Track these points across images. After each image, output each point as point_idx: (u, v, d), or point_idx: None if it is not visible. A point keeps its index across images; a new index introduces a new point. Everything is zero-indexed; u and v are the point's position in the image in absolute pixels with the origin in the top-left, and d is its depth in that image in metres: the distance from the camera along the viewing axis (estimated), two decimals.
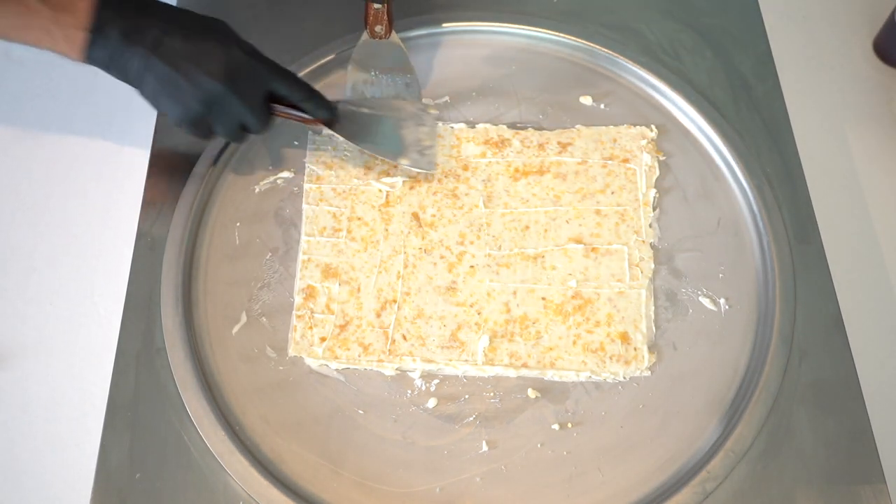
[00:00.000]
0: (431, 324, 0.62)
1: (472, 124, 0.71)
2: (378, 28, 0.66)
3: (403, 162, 0.66)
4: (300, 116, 0.63)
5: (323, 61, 0.73)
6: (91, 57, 0.56)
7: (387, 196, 0.67)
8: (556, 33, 0.75)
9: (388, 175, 0.68)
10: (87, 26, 0.54)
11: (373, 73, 0.70)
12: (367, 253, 0.65)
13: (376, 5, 0.65)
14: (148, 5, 0.57)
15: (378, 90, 0.70)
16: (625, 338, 0.61)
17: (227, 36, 0.59)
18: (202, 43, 0.57)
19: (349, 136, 0.65)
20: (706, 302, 0.64)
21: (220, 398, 0.60)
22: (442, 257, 0.65)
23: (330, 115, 0.64)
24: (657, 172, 0.69)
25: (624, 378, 0.61)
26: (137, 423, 0.58)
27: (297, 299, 0.63)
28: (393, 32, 0.68)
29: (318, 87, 0.72)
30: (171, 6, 0.59)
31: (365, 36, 0.68)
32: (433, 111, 0.70)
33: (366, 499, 0.56)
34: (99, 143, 0.74)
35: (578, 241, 0.65)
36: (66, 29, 0.54)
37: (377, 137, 0.66)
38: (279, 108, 0.62)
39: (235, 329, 0.62)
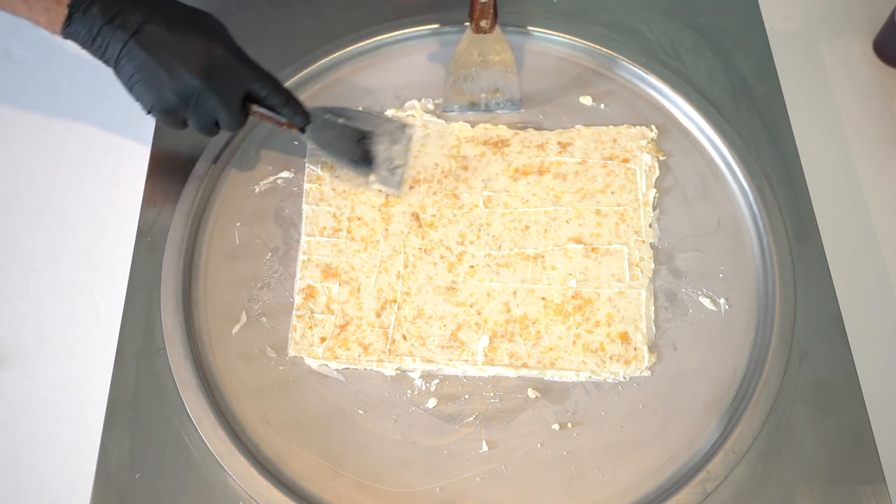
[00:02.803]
0: (431, 324, 0.62)
1: (472, 124, 0.71)
2: (483, 23, 0.65)
3: (371, 178, 0.66)
4: (276, 119, 0.63)
5: (323, 61, 0.73)
6: (68, 32, 0.55)
7: (387, 196, 0.67)
8: (556, 33, 0.75)
9: None
10: (67, 1, 0.54)
11: (473, 69, 0.69)
12: (367, 253, 0.65)
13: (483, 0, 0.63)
14: None
15: (478, 85, 0.70)
16: (625, 338, 0.61)
17: (212, 30, 0.58)
18: (185, 35, 0.56)
19: (322, 145, 0.65)
20: (706, 302, 0.64)
21: (220, 398, 0.60)
22: (442, 257, 0.65)
23: (305, 122, 0.64)
24: (657, 172, 0.69)
25: (624, 378, 0.61)
26: (137, 423, 0.58)
27: (297, 299, 0.63)
28: (497, 26, 0.66)
29: (317, 87, 0.73)
30: None
31: (469, 31, 0.67)
32: (411, 130, 0.69)
33: (366, 499, 0.56)
34: (99, 144, 0.74)
35: (578, 241, 0.65)
36: (45, 1, 0.54)
37: (349, 150, 0.66)
38: (256, 108, 0.62)
39: (235, 329, 0.62)
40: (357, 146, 0.66)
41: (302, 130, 0.64)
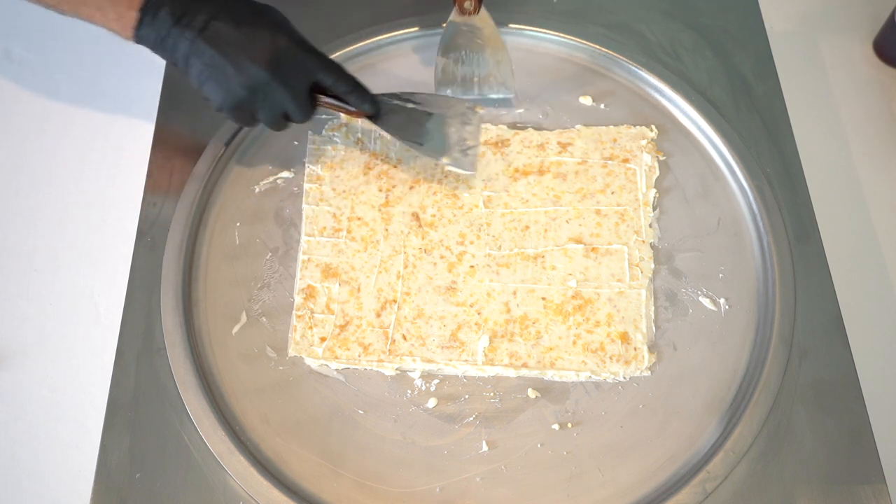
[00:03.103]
0: (431, 324, 0.62)
1: None
2: (467, 4, 0.65)
3: (445, 161, 0.66)
4: (344, 108, 0.63)
5: None
6: (140, 36, 0.57)
7: (387, 196, 0.67)
8: (556, 33, 0.75)
9: (388, 175, 0.68)
10: (139, 6, 0.55)
11: (463, 52, 0.69)
12: (367, 253, 0.65)
13: None
14: None
15: (469, 69, 0.70)
16: (625, 338, 0.61)
17: (276, 23, 0.59)
18: (250, 29, 0.57)
19: (392, 131, 0.65)
20: (706, 302, 0.64)
21: (220, 398, 0.60)
22: (442, 257, 0.65)
23: (373, 109, 0.63)
24: (657, 172, 0.69)
25: (624, 378, 0.61)
26: (137, 423, 0.58)
27: (297, 299, 0.63)
28: (482, 8, 0.66)
29: None
30: None
31: (454, 13, 0.66)
32: (480, 110, 0.68)
33: (366, 499, 0.56)
34: (99, 144, 0.74)
35: (578, 241, 0.65)
36: (118, 7, 0.55)
37: (420, 134, 0.65)
38: (323, 98, 0.62)
39: (235, 329, 0.62)
40: (427, 129, 0.65)
41: (370, 117, 0.64)
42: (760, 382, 0.59)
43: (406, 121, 0.65)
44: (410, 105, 0.65)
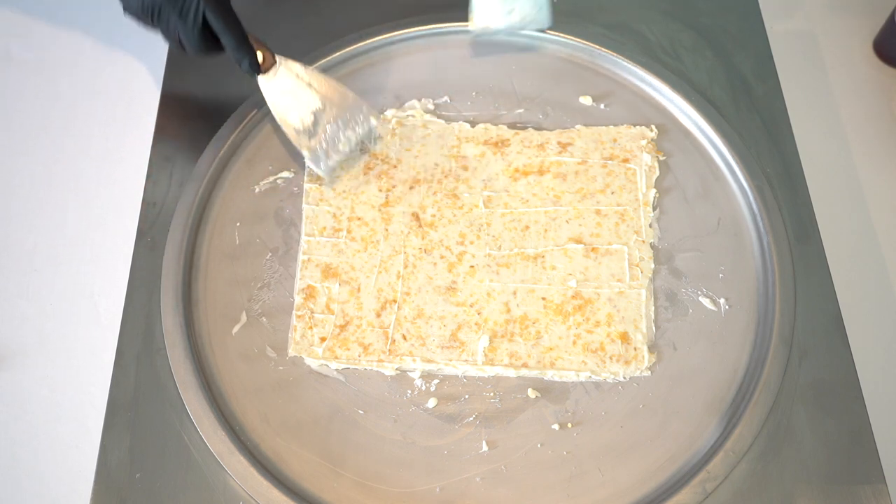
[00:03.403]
0: (431, 324, 0.62)
1: (472, 124, 0.71)
2: None
3: (304, 152, 0.65)
4: None
5: (323, 61, 0.73)
6: None
7: (387, 196, 0.67)
8: (556, 33, 0.75)
9: (388, 175, 0.68)
10: None
11: None
12: (367, 253, 0.65)
13: None
14: None
15: (507, 4, 0.67)
16: (625, 338, 0.61)
17: None
18: None
19: (272, 99, 0.64)
20: (706, 302, 0.64)
21: (220, 398, 0.60)
22: (442, 257, 0.65)
23: (250, 70, 0.62)
24: (657, 172, 0.69)
25: (624, 378, 0.61)
26: (137, 423, 0.58)
27: (297, 299, 0.63)
28: None
29: None
30: None
31: None
32: (376, 123, 0.67)
33: (366, 499, 0.56)
34: (99, 144, 0.74)
35: (578, 241, 0.65)
36: None
37: (296, 115, 0.63)
38: None
39: (235, 329, 0.62)
40: (306, 113, 0.64)
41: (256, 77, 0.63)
42: (760, 382, 0.59)
43: (289, 96, 0.63)
44: (303, 83, 0.63)
